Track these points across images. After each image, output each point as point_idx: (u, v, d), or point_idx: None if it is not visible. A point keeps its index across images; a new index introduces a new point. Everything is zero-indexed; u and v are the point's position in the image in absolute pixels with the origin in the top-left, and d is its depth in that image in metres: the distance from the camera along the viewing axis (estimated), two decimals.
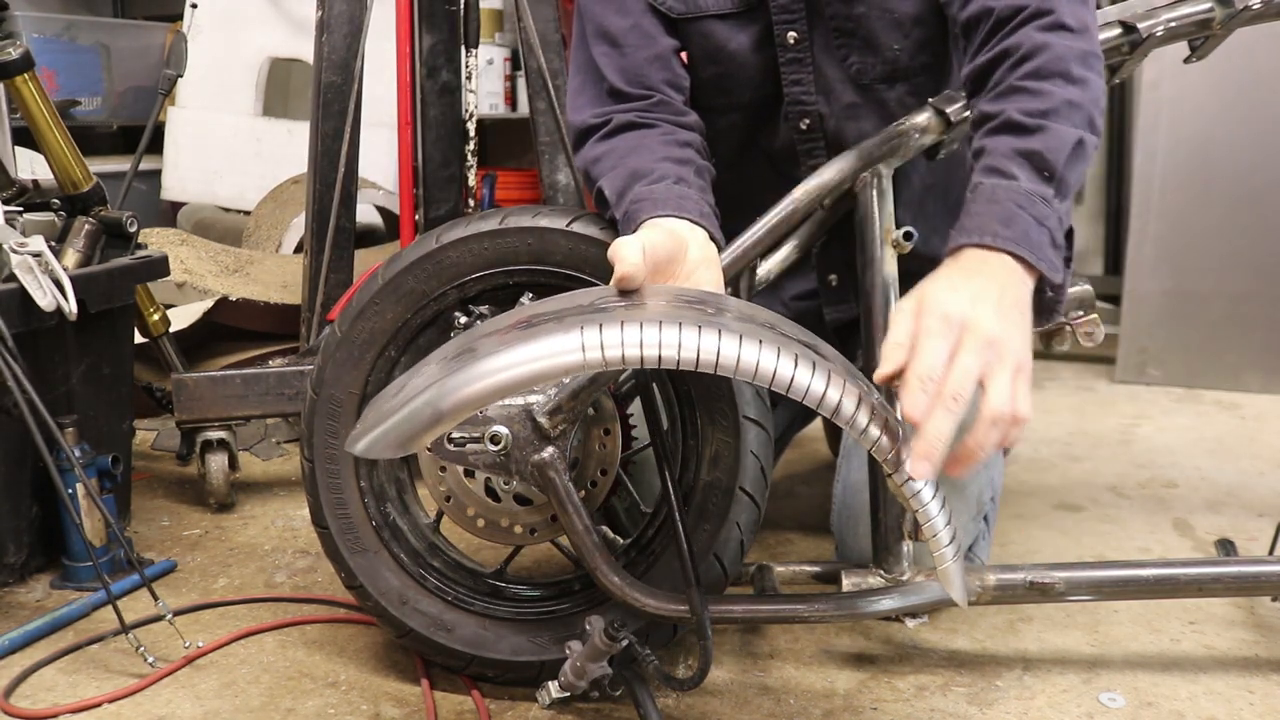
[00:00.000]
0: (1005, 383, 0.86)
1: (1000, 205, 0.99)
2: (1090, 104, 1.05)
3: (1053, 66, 1.05)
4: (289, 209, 2.84)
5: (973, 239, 0.97)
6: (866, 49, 1.28)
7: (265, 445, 2.18)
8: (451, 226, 1.22)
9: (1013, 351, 0.88)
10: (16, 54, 1.66)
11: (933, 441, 0.84)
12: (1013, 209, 0.98)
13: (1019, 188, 1.00)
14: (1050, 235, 0.99)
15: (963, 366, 0.86)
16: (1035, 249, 0.97)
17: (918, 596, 1.19)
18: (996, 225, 0.97)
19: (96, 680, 1.29)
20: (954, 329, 0.88)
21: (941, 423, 0.84)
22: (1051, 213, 0.99)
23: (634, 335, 0.86)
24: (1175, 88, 2.62)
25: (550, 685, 1.18)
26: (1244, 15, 1.27)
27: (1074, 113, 1.03)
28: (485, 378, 0.88)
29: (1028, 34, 1.07)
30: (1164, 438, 2.31)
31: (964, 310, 0.88)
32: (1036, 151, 1.01)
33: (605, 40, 1.30)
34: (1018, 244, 0.96)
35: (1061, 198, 1.01)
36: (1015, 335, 0.90)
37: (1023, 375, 0.88)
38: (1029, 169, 1.01)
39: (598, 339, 0.87)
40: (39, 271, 1.47)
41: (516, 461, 1.12)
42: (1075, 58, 1.05)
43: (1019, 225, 0.97)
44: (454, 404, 0.88)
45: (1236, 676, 1.28)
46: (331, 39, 1.88)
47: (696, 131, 1.30)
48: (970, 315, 0.88)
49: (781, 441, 1.70)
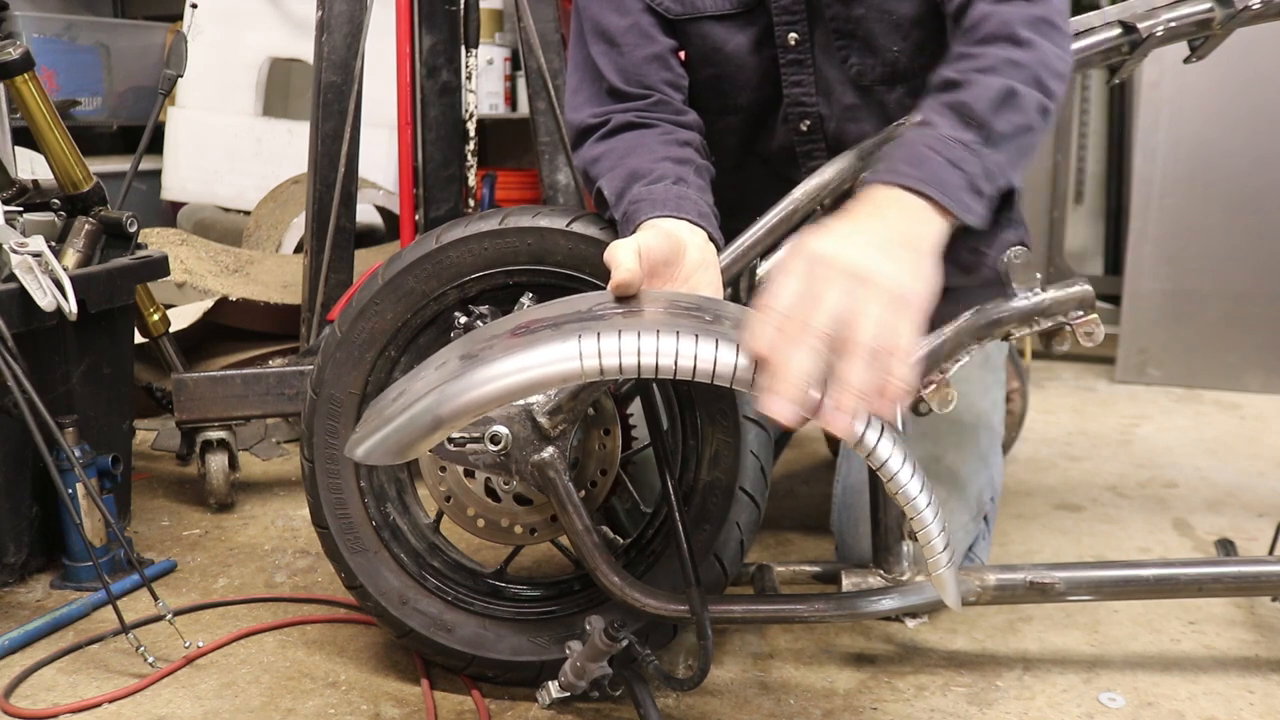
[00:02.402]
0: (875, 315, 0.79)
1: (912, 148, 0.98)
2: (1036, 64, 1.05)
3: (998, 31, 1.06)
4: (289, 209, 2.84)
5: (877, 178, 0.96)
6: (866, 50, 1.28)
7: (265, 445, 2.18)
8: (451, 226, 1.22)
9: (888, 285, 0.81)
10: (16, 54, 1.66)
11: (786, 377, 0.77)
12: (924, 151, 0.98)
13: (936, 133, 1.00)
14: (968, 179, 0.97)
15: (821, 300, 0.79)
16: (944, 188, 0.95)
17: (918, 596, 1.19)
18: (903, 165, 0.96)
19: (96, 680, 1.29)
20: (817, 265, 0.82)
21: (795, 358, 0.77)
22: (971, 157, 0.98)
23: (631, 344, 0.86)
24: (1175, 88, 2.62)
25: (550, 685, 1.18)
26: (1244, 15, 1.27)
27: (1012, 70, 1.03)
28: (482, 385, 0.88)
29: (981, 7, 1.08)
30: (1164, 438, 2.31)
31: (831, 249, 0.83)
32: (960, 101, 1.01)
33: (603, 39, 1.30)
34: (924, 183, 0.94)
35: (989, 145, 1.00)
36: (894, 269, 0.83)
37: (903, 310, 0.81)
38: (951, 117, 1.01)
39: (595, 348, 0.87)
40: (39, 271, 1.47)
41: (516, 461, 1.12)
42: (1023, 21, 1.06)
43: (928, 166, 0.96)
44: (452, 411, 0.88)
45: (1236, 676, 1.28)
46: (331, 39, 1.88)
47: (696, 131, 1.30)
48: (836, 252, 0.82)
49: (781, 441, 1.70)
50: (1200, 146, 2.63)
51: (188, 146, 3.35)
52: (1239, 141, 2.59)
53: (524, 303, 1.16)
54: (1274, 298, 2.61)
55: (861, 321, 0.79)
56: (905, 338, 0.79)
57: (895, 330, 0.79)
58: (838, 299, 0.79)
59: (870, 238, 0.86)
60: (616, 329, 0.87)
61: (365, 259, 2.47)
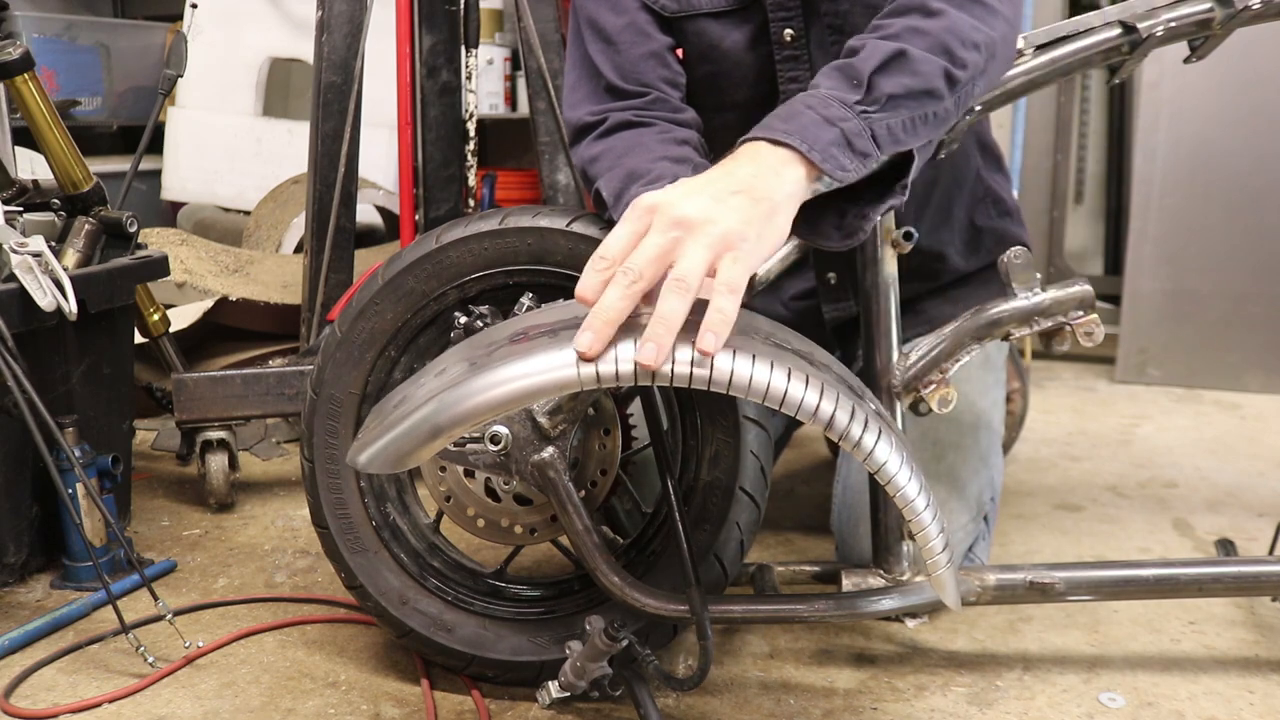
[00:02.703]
0: (694, 254, 0.83)
1: (789, 106, 0.99)
2: (942, 31, 1.05)
3: (911, 3, 1.07)
4: (289, 209, 2.84)
5: (750, 134, 0.97)
6: None
7: (265, 445, 2.18)
8: (451, 226, 1.22)
9: (711, 228, 0.85)
10: (16, 54, 1.66)
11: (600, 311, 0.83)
12: (798, 108, 0.98)
13: (816, 93, 1.00)
14: (841, 135, 0.96)
15: (643, 244, 0.85)
16: (811, 142, 0.94)
17: (918, 596, 1.19)
18: (775, 121, 0.97)
19: (96, 680, 1.29)
20: (644, 215, 0.86)
21: (608, 295, 0.83)
22: (850, 115, 0.98)
23: (627, 352, 0.87)
24: (1175, 88, 2.62)
25: (550, 685, 1.18)
26: (1244, 15, 1.27)
27: (914, 36, 1.04)
28: (479, 394, 0.89)
29: None
30: (1164, 438, 2.31)
31: (659, 199, 0.87)
32: (847, 64, 1.02)
33: (600, 38, 1.30)
34: (789, 134, 0.94)
35: (874, 104, 0.99)
36: (721, 213, 0.86)
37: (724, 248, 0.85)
38: (835, 77, 1.02)
39: (593, 372, 0.88)
40: (39, 271, 1.47)
41: (516, 461, 1.12)
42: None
43: (798, 120, 0.96)
44: (450, 419, 0.89)
45: (1236, 676, 1.28)
46: (331, 39, 1.88)
47: (694, 128, 1.30)
48: (664, 201, 0.86)
49: (781, 441, 1.70)
50: (1200, 146, 2.63)
51: (188, 146, 3.35)
52: (1239, 141, 2.59)
53: (524, 303, 1.17)
54: (1274, 298, 2.61)
55: (677, 259, 0.83)
56: (727, 273, 0.83)
57: (711, 264, 0.83)
58: (657, 241, 0.84)
59: (706, 189, 0.88)
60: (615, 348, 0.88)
61: (365, 259, 2.47)
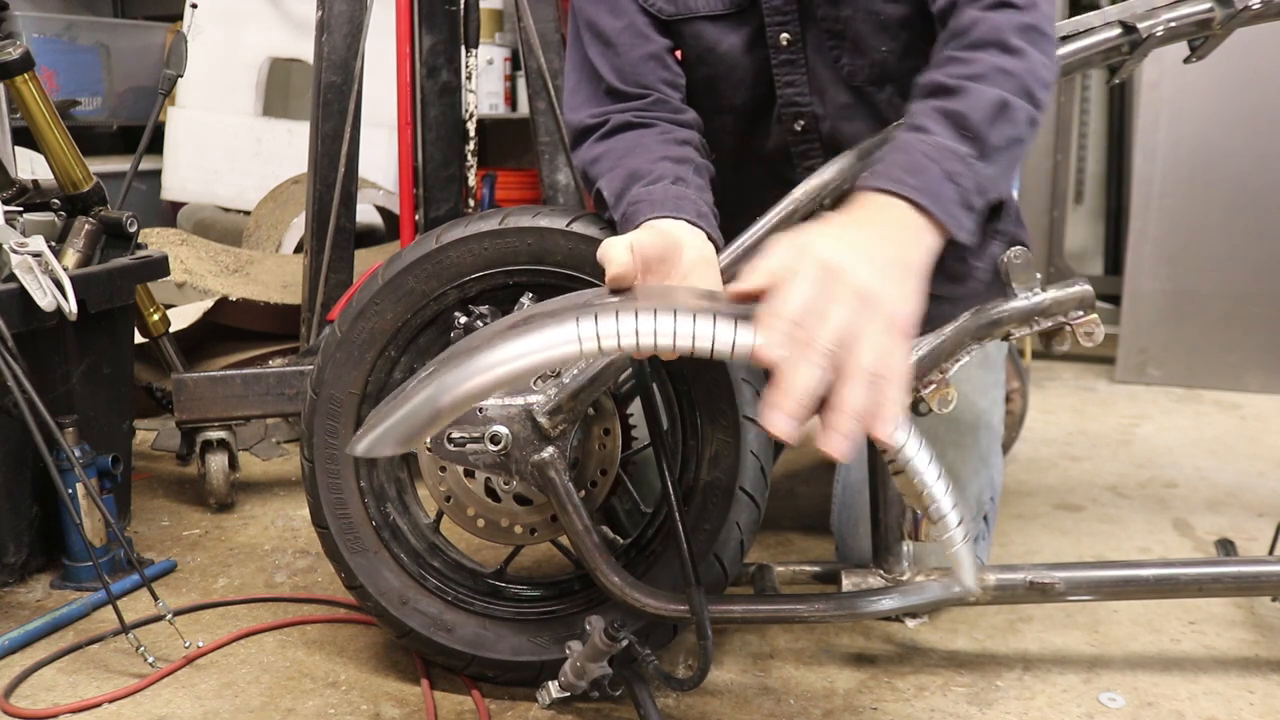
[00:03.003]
0: (875, 340, 0.80)
1: (909, 155, 0.97)
2: (1025, 73, 1.04)
3: (987, 37, 1.04)
4: (289, 209, 2.84)
5: (875, 183, 0.94)
6: (855, 51, 1.28)
7: (265, 445, 2.18)
8: (451, 226, 1.22)
9: (888, 309, 0.82)
10: (16, 54, 1.66)
11: (796, 394, 0.77)
12: (922, 160, 0.96)
13: (933, 140, 0.98)
14: (962, 194, 0.96)
15: (828, 317, 0.79)
16: (939, 202, 0.93)
17: (918, 596, 1.19)
18: (901, 172, 0.95)
19: (96, 680, 1.29)
20: (827, 276, 0.81)
21: (805, 374, 0.77)
22: (967, 171, 0.97)
23: (629, 324, 0.86)
24: (1175, 88, 2.62)
25: (550, 685, 1.18)
26: (1244, 15, 1.27)
27: (1004, 78, 1.02)
28: (483, 372, 0.87)
29: (970, 13, 1.07)
30: (1164, 438, 2.31)
31: (841, 259, 0.82)
32: (956, 110, 1.00)
33: (599, 40, 1.30)
34: (919, 192, 0.93)
35: (983, 159, 0.98)
36: (893, 291, 0.83)
37: (898, 334, 0.82)
38: (947, 126, 0.99)
39: (593, 329, 0.87)
40: (39, 271, 1.47)
41: (516, 461, 1.12)
42: (1013, 29, 1.05)
43: (925, 176, 0.94)
44: (453, 399, 0.88)
45: (1236, 676, 1.28)
46: (331, 39, 1.88)
47: (695, 129, 1.30)
48: (847, 266, 0.82)
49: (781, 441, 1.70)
50: (1200, 146, 2.63)
51: (188, 146, 3.35)
52: (1239, 141, 2.59)
53: (524, 303, 1.17)
54: (1274, 298, 2.61)
55: (863, 345, 0.79)
56: (900, 362, 0.80)
57: (892, 354, 0.80)
58: (844, 317, 0.79)
59: (874, 253, 0.85)
60: (614, 311, 0.87)
61: (365, 259, 2.47)
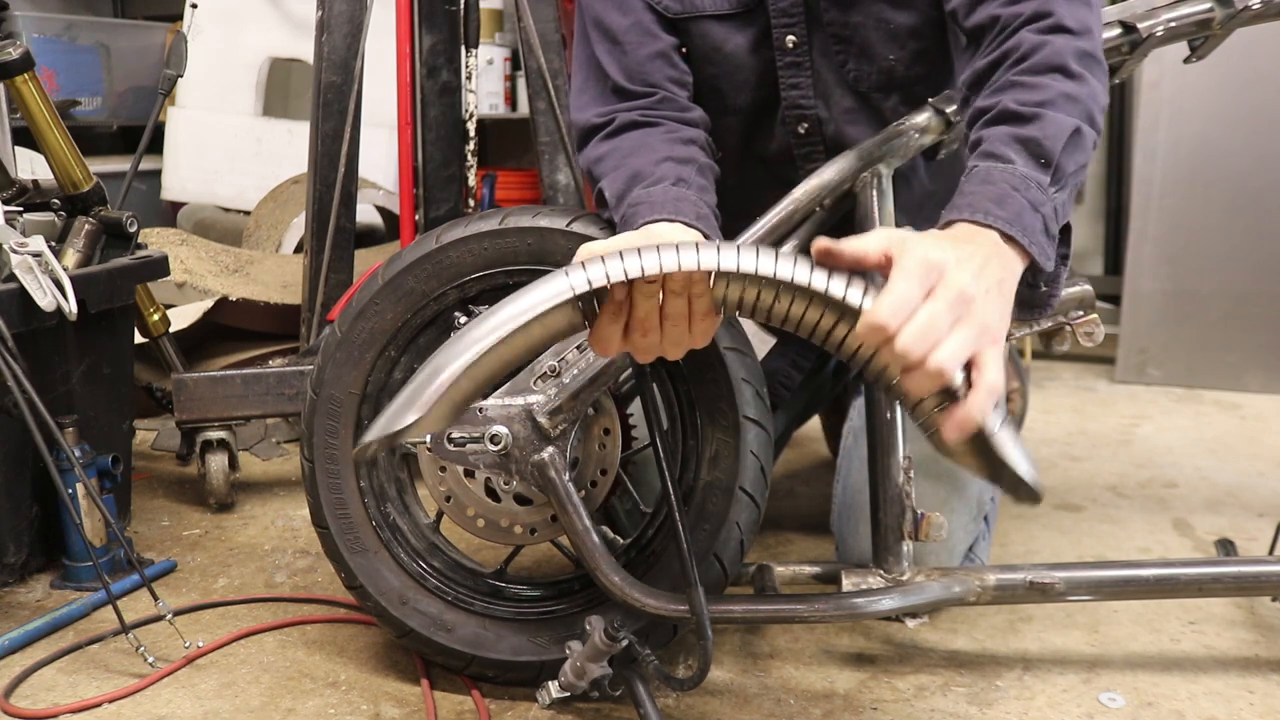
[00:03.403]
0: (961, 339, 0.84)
1: (995, 185, 0.97)
2: (1088, 99, 1.04)
3: (1050, 61, 1.04)
4: (289, 209, 2.84)
5: (964, 215, 0.95)
6: (863, 57, 1.28)
7: (265, 445, 2.18)
8: (451, 226, 1.22)
9: (985, 319, 0.86)
10: (16, 54, 1.66)
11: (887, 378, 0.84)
12: (1007, 189, 0.97)
13: (1015, 170, 0.99)
14: (1044, 222, 0.97)
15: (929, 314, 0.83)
16: (1028, 232, 0.95)
17: (918, 596, 1.19)
18: (989, 204, 0.95)
19: (96, 680, 1.29)
20: (930, 277, 0.84)
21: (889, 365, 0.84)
22: (1046, 200, 0.98)
23: (616, 264, 0.87)
24: (1175, 88, 2.62)
25: (550, 685, 1.18)
26: (1244, 15, 1.27)
27: (1071, 105, 1.02)
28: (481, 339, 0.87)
29: (1026, 35, 1.06)
30: (1164, 438, 2.31)
31: (946, 262, 0.85)
32: (1033, 138, 1.00)
33: (606, 38, 1.30)
34: (1009, 224, 0.94)
35: (1058, 187, 1.00)
36: (990, 305, 0.87)
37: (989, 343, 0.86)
38: (1025, 154, 1.00)
39: (583, 275, 0.88)
40: (39, 271, 1.47)
41: (516, 461, 1.12)
42: (1073, 54, 1.05)
43: (1012, 206, 0.95)
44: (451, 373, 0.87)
45: (1236, 676, 1.28)
46: (331, 39, 1.88)
47: (701, 128, 1.30)
48: (951, 268, 0.85)
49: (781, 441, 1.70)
50: (1200, 146, 2.62)
51: (188, 146, 3.35)
52: (1239, 141, 2.59)
53: None
54: (1274, 298, 2.60)
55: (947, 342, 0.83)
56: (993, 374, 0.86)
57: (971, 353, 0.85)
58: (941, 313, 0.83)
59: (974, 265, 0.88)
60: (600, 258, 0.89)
61: (365, 259, 2.47)
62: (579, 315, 0.95)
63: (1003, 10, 1.09)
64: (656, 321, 0.96)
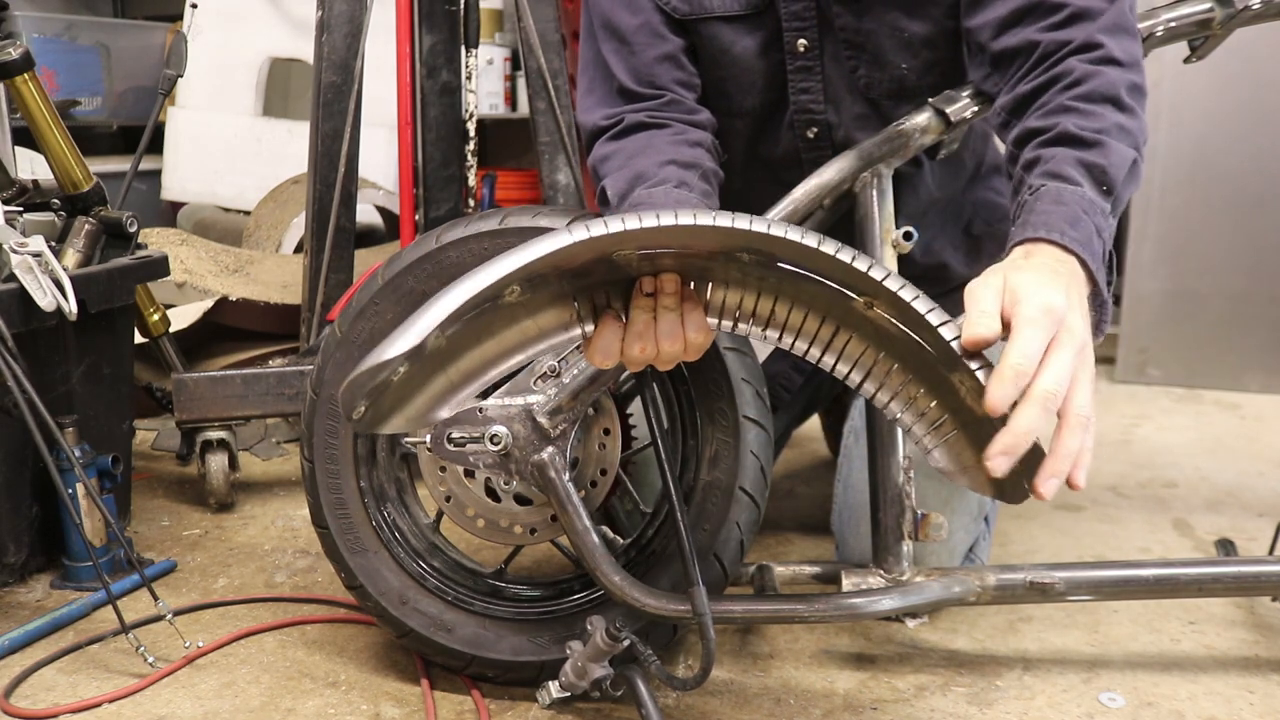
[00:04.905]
0: (1088, 388, 0.84)
1: (1068, 207, 0.97)
2: (1139, 132, 1.05)
3: (1104, 91, 1.04)
4: (289, 209, 2.84)
5: (1043, 234, 0.94)
6: (875, 64, 1.27)
7: (265, 445, 2.18)
8: (451, 226, 1.22)
9: (1091, 359, 0.86)
10: (16, 54, 1.66)
11: (1019, 437, 0.81)
12: (1078, 212, 0.96)
13: (1083, 193, 0.98)
14: (1104, 248, 0.97)
15: (1061, 365, 0.82)
16: (1094, 258, 0.94)
17: (918, 596, 1.19)
18: (1065, 225, 0.95)
19: (96, 680, 1.29)
20: (1053, 324, 0.84)
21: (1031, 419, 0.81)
22: (1106, 227, 0.98)
23: (616, 222, 0.86)
24: (1175, 88, 2.62)
25: (550, 685, 1.18)
26: (1244, 15, 1.27)
27: (1125, 136, 1.03)
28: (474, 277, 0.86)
29: (1076, 63, 1.06)
30: (1164, 438, 2.31)
31: (1063, 306, 0.85)
32: (1098, 165, 1.00)
33: (614, 38, 1.29)
34: (1082, 247, 0.94)
35: (1114, 217, 1.00)
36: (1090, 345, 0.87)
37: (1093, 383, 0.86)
38: (1091, 180, 1.00)
39: (585, 230, 0.87)
40: (39, 271, 1.47)
41: (516, 461, 1.12)
42: (1125, 87, 1.05)
43: (1084, 229, 0.95)
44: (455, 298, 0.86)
45: (1236, 676, 1.28)
46: (331, 39, 1.88)
47: (708, 130, 1.29)
48: (1068, 313, 0.85)
49: (781, 441, 1.70)
50: (1200, 146, 2.63)
51: (188, 146, 3.35)
52: (1239, 141, 2.59)
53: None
54: (1274, 298, 2.61)
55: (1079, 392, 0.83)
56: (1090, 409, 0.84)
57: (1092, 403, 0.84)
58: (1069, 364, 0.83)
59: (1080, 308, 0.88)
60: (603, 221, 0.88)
61: (365, 259, 2.47)
62: (572, 314, 0.95)
63: (1043, 36, 1.09)
64: (652, 333, 0.96)
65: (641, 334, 0.95)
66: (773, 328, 0.96)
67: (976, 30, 1.16)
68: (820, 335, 0.95)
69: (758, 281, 0.94)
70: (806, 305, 0.94)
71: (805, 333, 0.96)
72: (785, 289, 0.94)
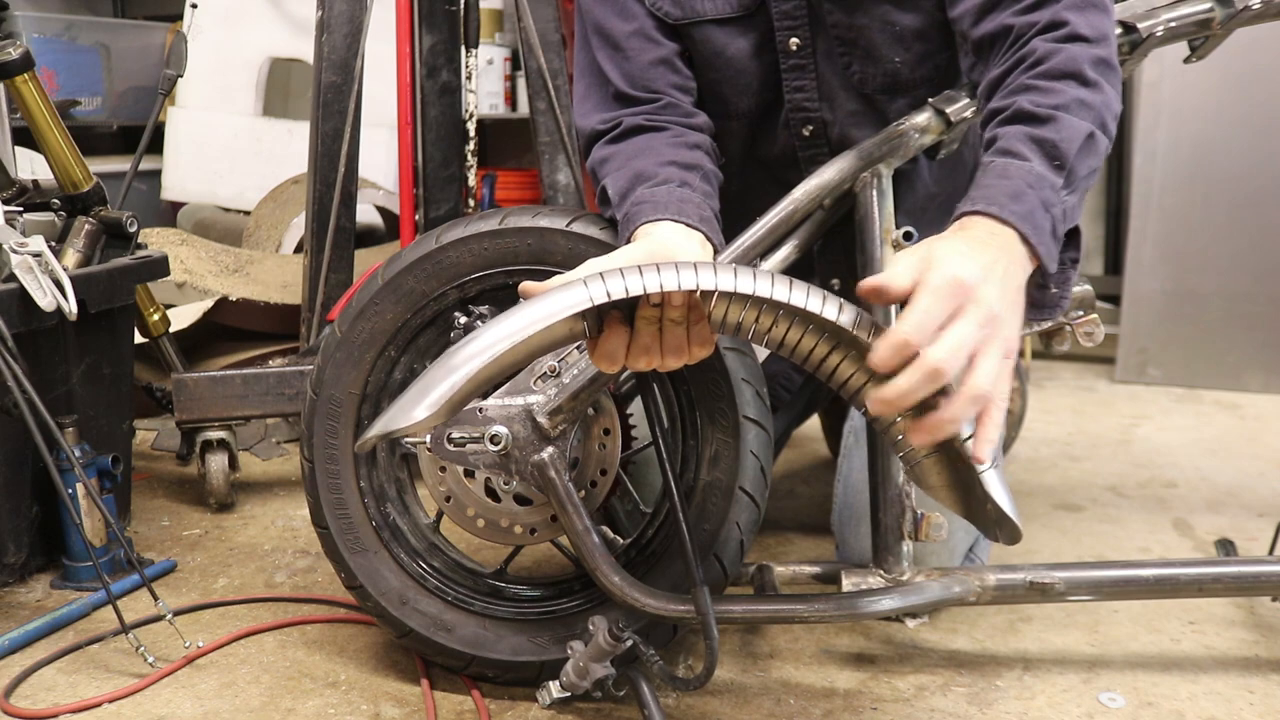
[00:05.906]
0: (993, 363, 0.84)
1: (1011, 180, 0.97)
2: (1102, 106, 1.05)
3: (1065, 68, 1.05)
4: (289, 209, 2.84)
5: (979, 207, 0.96)
6: (868, 59, 1.27)
7: (265, 445, 2.18)
8: (451, 226, 1.22)
9: (1007, 333, 0.86)
10: (16, 54, 1.66)
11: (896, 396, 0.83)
12: (1022, 186, 0.97)
13: (1031, 168, 0.99)
14: (1053, 224, 0.97)
15: (957, 337, 0.83)
16: (1038, 231, 0.95)
17: (918, 596, 1.19)
18: (1005, 198, 0.96)
19: (96, 680, 1.29)
20: (957, 294, 0.84)
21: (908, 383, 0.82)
22: (1057, 201, 0.98)
23: (635, 280, 0.89)
24: (1175, 88, 2.62)
25: (551, 685, 1.18)
26: (1244, 15, 1.27)
27: (1085, 111, 1.03)
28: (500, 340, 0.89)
29: (1041, 43, 1.07)
30: (1164, 438, 2.31)
31: (975, 278, 0.85)
32: (1048, 139, 1.00)
33: (607, 44, 1.29)
34: (1022, 220, 0.94)
35: (1070, 190, 1.00)
36: (1012, 318, 0.88)
37: (1009, 360, 0.86)
38: (1041, 155, 1.00)
39: (602, 287, 0.90)
40: (39, 271, 1.47)
41: (516, 461, 1.12)
42: (1089, 61, 1.05)
43: (1026, 203, 0.96)
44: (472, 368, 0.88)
45: (1236, 676, 1.28)
46: (331, 39, 1.88)
47: (706, 133, 1.29)
48: (979, 285, 0.85)
49: (781, 441, 1.70)
50: (1200, 146, 2.63)
51: (188, 146, 3.35)
52: (1239, 141, 2.59)
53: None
54: (1274, 298, 2.61)
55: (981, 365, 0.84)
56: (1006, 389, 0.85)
57: (1003, 381, 0.84)
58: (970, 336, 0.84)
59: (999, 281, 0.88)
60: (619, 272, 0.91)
61: (365, 259, 2.47)
62: (581, 325, 0.96)
63: (1016, 19, 1.09)
64: (658, 346, 0.98)
65: (648, 347, 0.98)
66: (771, 345, 0.98)
67: (959, 20, 1.17)
68: (815, 354, 0.96)
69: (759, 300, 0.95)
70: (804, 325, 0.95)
71: (800, 352, 0.97)
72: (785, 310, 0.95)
